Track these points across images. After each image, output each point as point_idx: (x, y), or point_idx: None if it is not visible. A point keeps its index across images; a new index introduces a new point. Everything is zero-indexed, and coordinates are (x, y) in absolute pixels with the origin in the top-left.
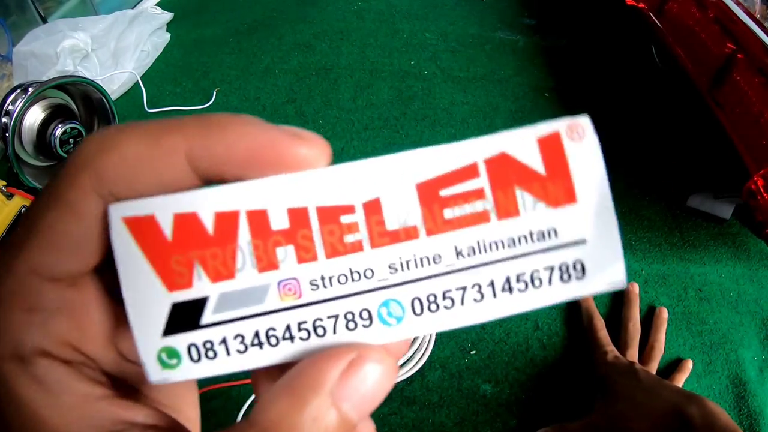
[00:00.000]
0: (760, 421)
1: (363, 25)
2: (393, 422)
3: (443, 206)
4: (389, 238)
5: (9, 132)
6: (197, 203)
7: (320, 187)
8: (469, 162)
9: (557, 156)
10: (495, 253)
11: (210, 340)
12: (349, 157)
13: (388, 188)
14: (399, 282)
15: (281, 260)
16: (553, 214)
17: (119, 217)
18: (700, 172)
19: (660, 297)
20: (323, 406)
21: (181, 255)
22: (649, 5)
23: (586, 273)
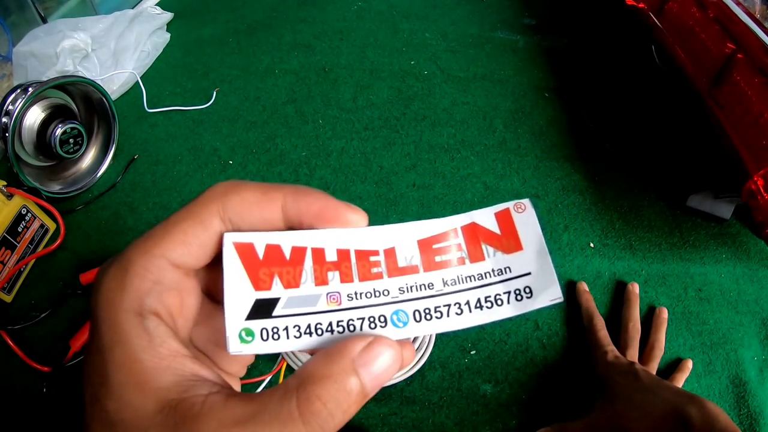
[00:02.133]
0: (760, 421)
1: (363, 25)
2: (393, 422)
3: (435, 254)
4: (399, 271)
5: (9, 132)
6: (281, 239)
7: (359, 239)
8: (452, 228)
9: (508, 223)
10: (469, 283)
11: (277, 326)
12: (348, 157)
13: (400, 242)
14: (405, 299)
15: (330, 280)
16: (507, 258)
17: (230, 241)
18: (700, 172)
19: (660, 297)
20: (347, 368)
21: (267, 269)
22: (649, 5)
23: (533, 294)
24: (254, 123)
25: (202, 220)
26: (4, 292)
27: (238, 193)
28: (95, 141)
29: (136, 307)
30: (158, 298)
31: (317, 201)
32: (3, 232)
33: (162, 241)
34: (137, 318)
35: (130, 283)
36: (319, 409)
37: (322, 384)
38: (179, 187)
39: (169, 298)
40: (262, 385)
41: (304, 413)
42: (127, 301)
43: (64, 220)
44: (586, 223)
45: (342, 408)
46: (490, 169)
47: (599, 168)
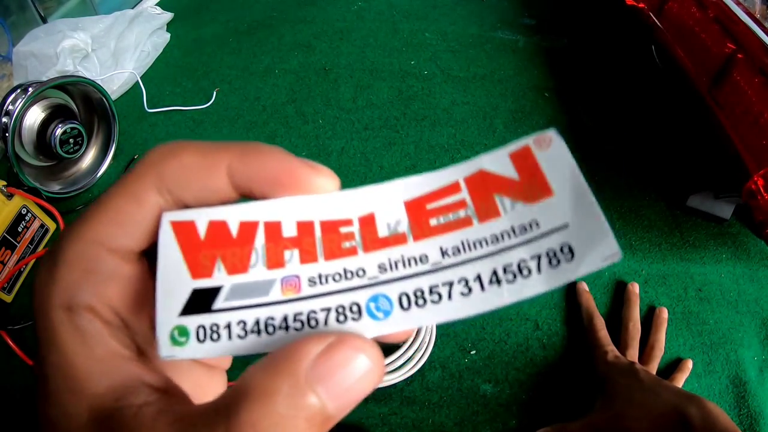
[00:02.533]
0: (760, 421)
1: (363, 25)
2: (393, 422)
3: (429, 216)
4: (380, 243)
5: (9, 132)
6: (228, 214)
7: (325, 206)
8: (452, 181)
9: (529, 163)
10: (480, 250)
11: (216, 323)
12: (348, 157)
13: (381, 206)
14: (388, 279)
15: (287, 261)
16: (532, 209)
17: (168, 220)
18: (700, 172)
19: (660, 297)
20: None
21: (208, 251)
22: (649, 5)
23: (575, 254)
24: (254, 123)
25: (136, 196)
26: (4, 292)
27: (177, 157)
28: (95, 141)
29: (66, 302)
30: (92, 290)
31: (271, 162)
32: (3, 232)
33: (93, 222)
34: (68, 314)
35: (60, 275)
36: None
37: (259, 404)
38: None
39: (107, 288)
40: None
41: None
42: (56, 295)
43: (64, 220)
44: None
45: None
46: None
47: (599, 168)
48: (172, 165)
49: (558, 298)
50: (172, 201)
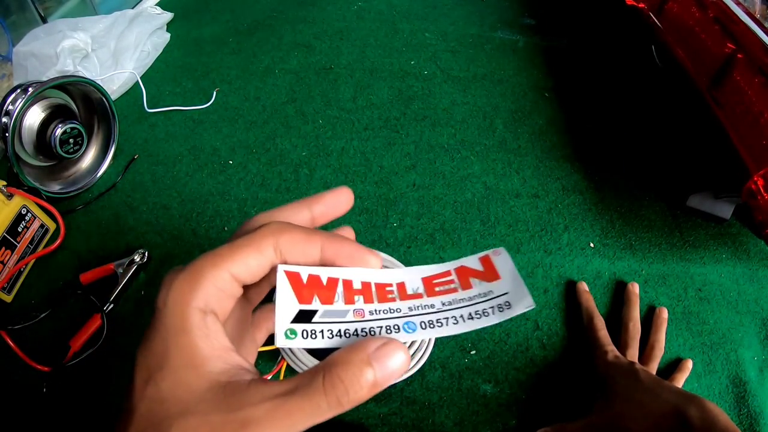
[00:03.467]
0: (760, 421)
1: (363, 25)
2: (393, 422)
3: (435, 286)
4: (408, 297)
5: (9, 132)
6: (320, 272)
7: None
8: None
9: (488, 263)
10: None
11: (314, 329)
12: (348, 157)
13: (408, 278)
14: (413, 314)
15: (356, 300)
16: (489, 286)
17: (283, 269)
18: (700, 172)
19: (660, 297)
20: (364, 359)
21: (308, 290)
22: (649, 5)
23: (511, 305)
24: (254, 123)
25: (260, 248)
26: (4, 292)
27: (289, 233)
28: (95, 141)
29: (203, 306)
30: (219, 301)
31: (348, 246)
32: (3, 232)
33: (229, 258)
34: (201, 314)
35: (201, 287)
36: (338, 384)
37: (343, 367)
38: (179, 187)
39: (225, 302)
40: None
41: (327, 386)
42: (196, 300)
43: (64, 220)
44: (586, 223)
45: (355, 389)
46: (490, 169)
47: (599, 168)
48: (285, 237)
49: (558, 299)
50: (281, 258)
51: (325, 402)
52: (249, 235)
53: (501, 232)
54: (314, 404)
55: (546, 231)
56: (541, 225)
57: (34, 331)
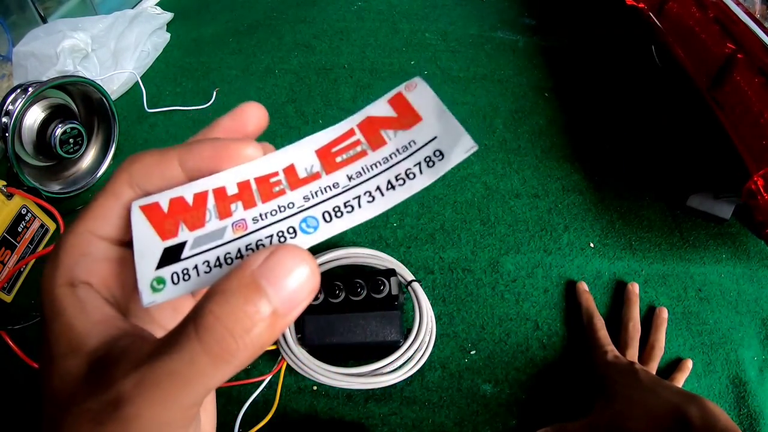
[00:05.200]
0: (760, 421)
1: (363, 25)
2: (393, 422)
3: (335, 156)
4: (301, 182)
5: (9, 132)
6: (183, 191)
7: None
8: (347, 129)
9: (402, 103)
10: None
11: (186, 267)
12: None
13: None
14: (311, 205)
15: (234, 211)
16: (409, 134)
17: (137, 206)
18: (700, 172)
19: (660, 297)
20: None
21: (172, 219)
22: (649, 5)
23: (444, 154)
24: None
25: (114, 192)
26: (4, 292)
27: (139, 160)
28: (95, 141)
29: (68, 279)
30: (88, 268)
31: (209, 145)
32: (3, 232)
33: (84, 217)
34: (70, 289)
35: (61, 259)
36: (213, 324)
37: (217, 300)
38: None
39: (100, 268)
40: (262, 385)
41: (200, 333)
42: (59, 275)
43: (64, 220)
44: (586, 223)
45: (244, 327)
46: (490, 169)
47: (599, 168)
48: (136, 165)
49: (558, 298)
50: (141, 193)
51: (205, 357)
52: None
53: (501, 232)
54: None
55: (546, 231)
56: (541, 225)
57: (34, 331)
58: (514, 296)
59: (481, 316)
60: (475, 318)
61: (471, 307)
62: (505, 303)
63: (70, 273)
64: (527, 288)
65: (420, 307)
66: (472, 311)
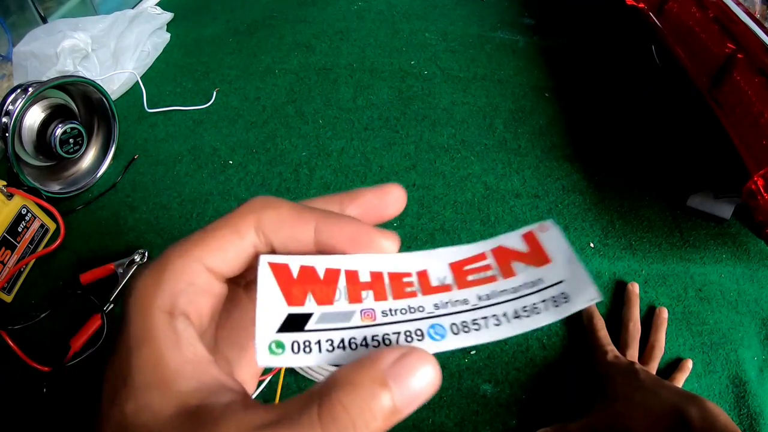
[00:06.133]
0: (760, 421)
1: (363, 25)
2: None
3: (467, 274)
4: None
5: (9, 132)
6: (316, 261)
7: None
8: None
9: (534, 242)
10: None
11: (309, 339)
12: (348, 157)
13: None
14: (441, 314)
15: (364, 298)
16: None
17: (266, 261)
18: (700, 172)
19: (660, 297)
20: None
21: (300, 287)
22: (649, 5)
23: (569, 298)
24: (254, 123)
25: (238, 230)
26: (4, 292)
27: (275, 209)
28: (95, 141)
29: (168, 307)
30: (190, 299)
31: (350, 225)
32: (3, 232)
33: (200, 245)
34: (168, 317)
35: (166, 283)
36: (340, 415)
37: (347, 391)
38: (179, 187)
39: (200, 300)
40: (262, 386)
41: (324, 418)
42: (160, 299)
43: (64, 220)
44: (586, 223)
45: (366, 420)
46: (490, 169)
47: (599, 168)
48: (271, 214)
49: None
50: (265, 242)
51: None
52: (226, 216)
53: (501, 232)
54: None
55: None
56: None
57: (34, 331)
58: None
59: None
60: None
61: None
62: None
63: (173, 300)
64: None
65: None
66: None
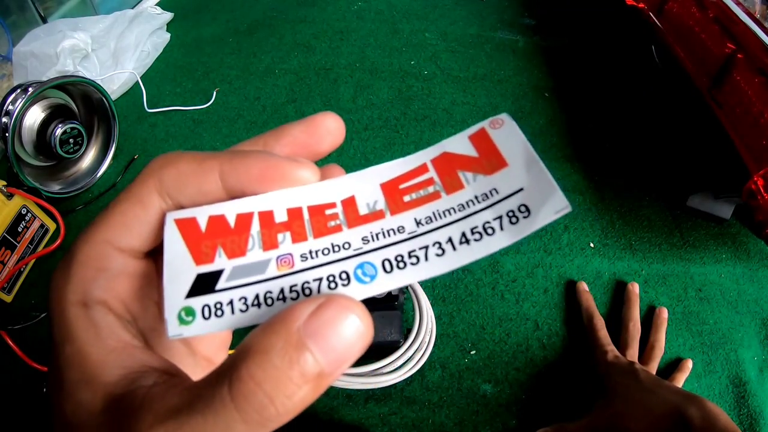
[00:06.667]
0: (760, 421)
1: (363, 25)
2: (393, 422)
3: (403, 194)
4: (362, 220)
5: (9, 132)
6: (225, 208)
7: (311, 194)
8: (420, 164)
9: (486, 142)
10: (449, 217)
11: (220, 301)
12: (348, 157)
13: (360, 189)
14: (371, 249)
15: (280, 242)
16: (491, 180)
17: (172, 218)
18: (700, 172)
19: (660, 297)
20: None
21: (209, 241)
22: (649, 5)
23: (531, 211)
24: (254, 123)
25: (140, 199)
26: (4, 292)
27: (174, 165)
28: (95, 141)
29: (81, 298)
30: (105, 285)
31: (257, 162)
32: (3, 232)
33: (103, 225)
34: (83, 309)
35: (74, 273)
36: (253, 390)
37: (257, 361)
38: None
39: (118, 284)
40: None
41: (237, 398)
42: (71, 292)
43: (64, 220)
44: (586, 223)
45: (286, 392)
46: None
47: (599, 168)
48: (170, 172)
49: (558, 299)
50: (171, 204)
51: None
52: (128, 186)
53: None
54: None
55: (546, 231)
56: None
57: (34, 331)
58: (514, 296)
59: (481, 316)
60: (475, 318)
61: (471, 307)
62: (505, 303)
63: (84, 290)
64: (527, 288)
65: (420, 307)
66: (472, 311)
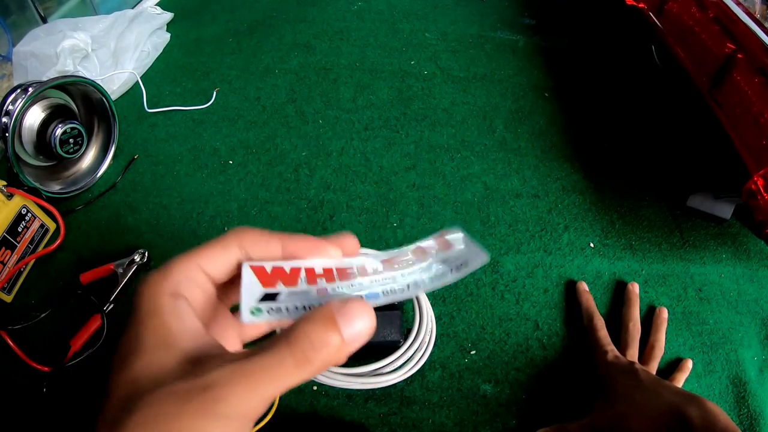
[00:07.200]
0: (760, 421)
1: (363, 25)
2: (393, 422)
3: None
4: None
5: (9, 132)
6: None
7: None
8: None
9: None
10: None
11: (279, 306)
12: (348, 157)
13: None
14: (374, 286)
15: (318, 282)
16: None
17: (248, 265)
18: (700, 172)
19: (660, 297)
20: (327, 315)
21: (273, 278)
22: (649, 5)
23: (467, 264)
24: (254, 123)
25: (225, 246)
26: (4, 292)
27: (251, 235)
28: (95, 141)
29: (173, 291)
30: (189, 289)
31: (308, 241)
32: (3, 232)
33: (196, 254)
34: (172, 298)
35: (171, 275)
36: (302, 338)
37: (305, 322)
38: (179, 187)
39: (197, 293)
40: None
41: (291, 341)
42: (166, 286)
43: (64, 220)
44: (586, 223)
45: (322, 343)
46: (490, 169)
47: (599, 168)
48: (248, 236)
49: (558, 299)
50: (245, 256)
51: (290, 358)
52: (215, 238)
53: (501, 232)
54: (280, 362)
55: (546, 231)
56: (541, 225)
57: (34, 331)
58: (514, 296)
59: (481, 316)
60: (475, 318)
61: (471, 307)
62: (505, 303)
63: (176, 287)
64: (527, 288)
65: (420, 307)
66: (472, 311)
